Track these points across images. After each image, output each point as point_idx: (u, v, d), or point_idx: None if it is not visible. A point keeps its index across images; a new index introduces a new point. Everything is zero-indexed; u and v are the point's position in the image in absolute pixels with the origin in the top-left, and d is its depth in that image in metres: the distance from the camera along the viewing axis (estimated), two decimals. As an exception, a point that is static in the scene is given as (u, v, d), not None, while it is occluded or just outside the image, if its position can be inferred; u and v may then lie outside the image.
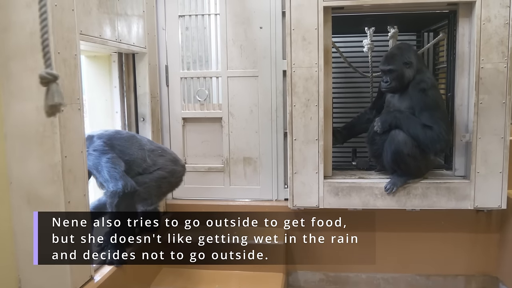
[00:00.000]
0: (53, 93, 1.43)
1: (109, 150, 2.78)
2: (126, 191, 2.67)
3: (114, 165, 2.72)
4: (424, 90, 2.94)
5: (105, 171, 2.69)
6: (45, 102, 1.44)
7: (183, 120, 3.65)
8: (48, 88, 1.43)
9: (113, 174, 2.68)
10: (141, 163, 2.92)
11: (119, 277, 2.62)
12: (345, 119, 3.55)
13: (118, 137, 2.92)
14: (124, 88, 3.25)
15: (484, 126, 2.95)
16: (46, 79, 1.42)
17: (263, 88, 3.50)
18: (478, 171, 3.01)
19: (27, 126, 2.11)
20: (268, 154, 3.57)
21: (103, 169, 2.69)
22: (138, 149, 2.95)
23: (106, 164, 2.70)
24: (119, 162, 2.78)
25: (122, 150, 2.86)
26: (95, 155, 2.72)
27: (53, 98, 1.42)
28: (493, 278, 3.44)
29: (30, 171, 2.14)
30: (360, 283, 3.56)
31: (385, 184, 3.10)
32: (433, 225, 3.42)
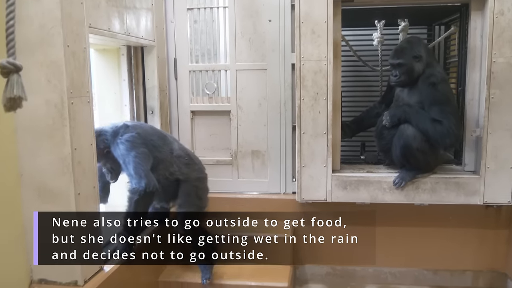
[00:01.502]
0: (13, 84, 1.29)
1: (141, 144, 2.76)
2: (148, 190, 2.67)
3: (141, 162, 2.70)
4: (434, 84, 2.92)
5: (131, 165, 2.68)
6: (4, 95, 1.30)
7: (192, 113, 3.66)
8: (8, 79, 1.30)
9: (139, 171, 2.67)
10: (168, 166, 2.91)
11: (128, 268, 2.64)
12: (354, 113, 3.53)
13: (152, 132, 2.92)
14: (133, 81, 3.26)
15: (495, 121, 2.93)
16: (7, 68, 1.28)
17: (271, 81, 3.49)
18: (488, 166, 2.99)
19: (37, 119, 2.12)
20: (276, 147, 3.57)
21: (130, 163, 2.68)
22: (168, 152, 2.94)
23: (134, 159, 2.69)
24: (148, 159, 2.76)
25: (155, 146, 2.85)
26: (126, 145, 2.71)
27: (13, 90, 1.28)
28: (501, 274, 3.43)
29: (40, 163, 2.16)
30: (366, 277, 3.56)
31: (393, 178, 3.09)
32: (442, 220, 3.41)
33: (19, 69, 1.33)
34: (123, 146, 2.70)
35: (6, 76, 1.32)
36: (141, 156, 2.72)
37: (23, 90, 1.31)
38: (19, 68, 1.33)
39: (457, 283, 3.48)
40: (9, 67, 1.31)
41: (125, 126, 2.79)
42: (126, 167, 2.71)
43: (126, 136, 2.73)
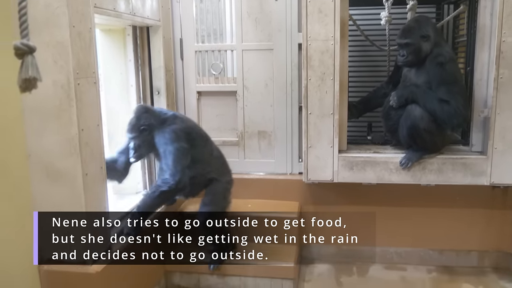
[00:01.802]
0: (27, 66, 1.31)
1: (185, 140, 2.81)
2: (179, 186, 2.72)
3: (180, 157, 2.75)
4: (441, 64, 2.89)
5: (171, 157, 2.72)
6: (19, 76, 1.33)
7: (198, 93, 3.65)
8: (23, 61, 1.33)
9: (176, 165, 2.71)
10: (205, 166, 2.99)
11: (135, 248, 2.67)
12: (361, 93, 3.51)
13: (197, 130, 3.02)
14: (139, 61, 3.25)
15: (504, 101, 2.90)
16: (21, 50, 1.31)
17: (278, 61, 3.47)
18: (495, 147, 2.97)
19: (44, 100, 2.13)
20: (282, 128, 3.56)
21: (170, 154, 2.73)
22: (208, 151, 3.04)
23: (176, 151, 2.74)
24: (187, 155, 2.81)
25: (196, 145, 2.92)
26: (172, 136, 2.76)
27: (28, 71, 1.32)
28: (506, 254, 3.44)
29: (48, 144, 2.17)
30: (373, 257, 3.59)
31: (400, 159, 3.09)
32: (448, 201, 3.41)
33: (33, 50, 1.35)
34: (169, 136, 2.76)
35: (21, 57, 1.33)
36: (182, 151, 2.77)
37: (38, 71, 1.34)
38: (33, 49, 1.35)
39: (462, 263, 3.49)
40: (23, 49, 1.33)
41: (174, 117, 2.86)
42: (165, 157, 2.75)
43: (174, 127, 2.80)
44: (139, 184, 3.35)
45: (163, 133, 2.78)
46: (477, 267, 3.47)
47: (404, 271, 3.45)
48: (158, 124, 2.81)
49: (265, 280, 3.09)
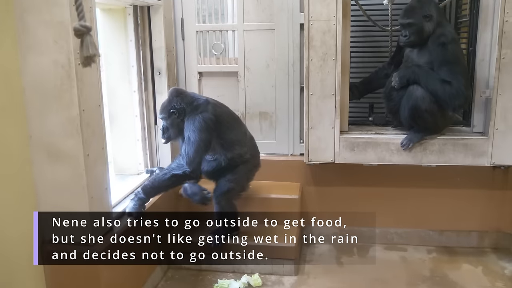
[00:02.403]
0: (87, 44, 1.49)
1: (212, 130, 2.86)
2: (192, 175, 2.81)
3: (203, 148, 2.82)
4: (444, 44, 2.87)
5: (192, 147, 2.78)
6: (80, 54, 1.50)
7: (199, 74, 3.64)
8: (82, 40, 1.48)
9: (194, 156, 2.78)
10: (242, 146, 3.05)
11: (137, 229, 2.69)
12: (362, 74, 3.49)
13: (228, 113, 3.06)
14: (140, 41, 3.23)
15: (505, 82, 2.89)
16: (80, 31, 1.46)
17: (279, 41, 3.45)
18: (497, 127, 2.97)
19: (45, 80, 2.12)
20: (284, 108, 3.56)
21: (192, 143, 2.79)
22: (243, 133, 3.10)
23: (199, 142, 2.79)
24: (207, 148, 2.88)
25: (229, 128, 2.98)
26: (200, 125, 2.81)
27: (88, 49, 1.47)
28: (506, 235, 3.46)
29: (49, 124, 2.17)
30: (373, 237, 3.61)
31: (401, 140, 3.09)
32: (449, 182, 3.42)
33: (90, 29, 1.52)
34: (198, 124, 2.81)
35: (80, 37, 1.50)
36: (206, 143, 2.84)
37: (96, 48, 1.52)
38: (89, 29, 1.51)
39: (462, 243, 3.52)
40: (82, 30, 1.49)
41: (206, 103, 2.90)
42: (188, 143, 2.80)
43: (206, 116, 2.83)
44: (141, 165, 3.36)
45: (193, 120, 2.82)
46: (477, 248, 3.50)
47: (404, 251, 3.48)
48: (190, 110, 2.86)
49: (266, 261, 3.12)
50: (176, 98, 2.87)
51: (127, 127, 3.30)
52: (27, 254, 2.19)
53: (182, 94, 2.91)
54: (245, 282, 3.01)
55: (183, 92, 2.96)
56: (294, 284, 3.04)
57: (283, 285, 3.03)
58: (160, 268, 3.10)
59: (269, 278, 3.10)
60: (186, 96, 2.91)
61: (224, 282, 2.97)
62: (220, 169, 3.04)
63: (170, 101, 2.87)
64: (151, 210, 2.90)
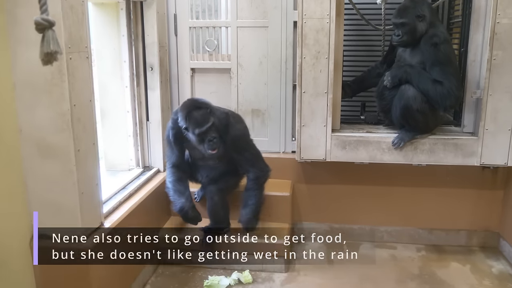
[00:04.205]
0: (48, 40, 1.37)
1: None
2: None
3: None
4: (436, 44, 2.89)
5: (256, 156, 3.13)
6: (41, 50, 1.39)
7: (192, 70, 3.62)
8: (44, 35, 1.38)
9: (262, 158, 3.17)
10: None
11: (128, 224, 2.69)
12: (355, 72, 3.50)
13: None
14: (132, 36, 3.21)
15: (496, 83, 2.91)
16: (42, 25, 1.36)
17: (273, 39, 3.45)
18: (486, 128, 2.99)
19: (36, 74, 2.10)
20: (276, 106, 3.56)
21: (254, 155, 3.13)
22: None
23: (258, 151, 3.16)
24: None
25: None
26: (248, 139, 3.16)
27: (49, 45, 1.37)
28: (494, 234, 3.50)
29: (39, 119, 2.16)
30: (364, 235, 3.63)
31: (392, 138, 3.10)
32: (439, 181, 3.44)
33: (53, 24, 1.45)
34: (247, 139, 3.12)
35: (41, 32, 1.40)
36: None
37: (58, 44, 1.43)
38: (52, 24, 1.45)
39: (451, 242, 3.55)
40: (43, 24, 1.40)
41: (228, 117, 3.02)
42: (251, 158, 3.11)
43: (243, 128, 3.11)
44: (132, 161, 3.35)
45: (233, 138, 2.98)
46: (465, 246, 3.53)
47: (394, 249, 3.50)
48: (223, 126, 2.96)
49: (256, 258, 3.13)
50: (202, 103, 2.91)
51: (119, 122, 3.29)
52: (16, 249, 2.18)
53: (197, 100, 2.98)
54: (236, 279, 3.02)
55: (197, 99, 3.02)
56: (284, 281, 3.05)
57: (273, 282, 3.04)
58: (151, 265, 3.10)
59: (260, 275, 3.10)
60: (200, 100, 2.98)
61: (215, 279, 2.98)
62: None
63: (199, 108, 2.85)
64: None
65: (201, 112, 2.83)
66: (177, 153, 3.03)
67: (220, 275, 3.05)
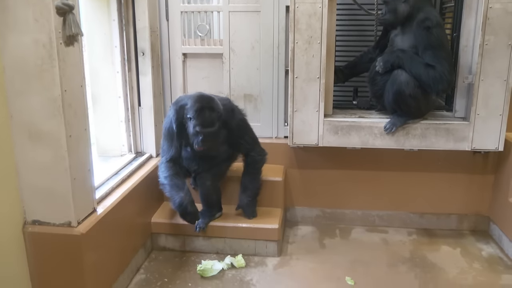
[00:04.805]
0: (70, 23, 1.41)
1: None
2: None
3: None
4: (428, 28, 2.89)
5: (256, 140, 3.20)
6: (63, 33, 1.43)
7: (184, 55, 3.60)
8: (65, 19, 1.40)
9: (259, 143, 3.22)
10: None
11: (121, 210, 2.69)
12: (347, 57, 3.50)
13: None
14: (123, 21, 3.18)
15: (488, 68, 2.92)
16: (62, 9, 1.38)
17: (265, 24, 3.42)
18: (478, 113, 3.01)
19: (25, 60, 2.07)
20: (269, 91, 3.55)
21: (255, 139, 3.19)
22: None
23: (255, 136, 3.20)
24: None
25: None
26: (248, 126, 3.17)
27: (71, 28, 1.40)
28: (484, 218, 3.54)
29: (30, 105, 2.13)
30: (355, 219, 3.66)
31: (384, 124, 3.12)
32: (430, 166, 3.47)
33: (72, 8, 1.44)
34: (247, 126, 3.14)
35: (62, 15, 1.43)
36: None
37: (79, 27, 1.43)
38: (72, 8, 1.45)
39: (442, 226, 3.59)
40: (64, 8, 1.43)
41: (231, 105, 3.08)
42: (252, 142, 3.17)
43: (244, 118, 3.13)
44: (124, 147, 3.34)
45: (238, 124, 3.04)
46: (456, 230, 3.58)
47: (385, 233, 3.54)
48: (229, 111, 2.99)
49: (249, 242, 3.15)
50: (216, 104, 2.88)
51: (110, 108, 3.27)
52: (9, 236, 2.18)
53: (213, 98, 2.91)
54: (229, 263, 3.04)
55: (211, 96, 2.95)
56: (276, 265, 3.08)
57: (266, 266, 3.06)
58: (144, 249, 3.11)
59: (252, 259, 3.13)
60: (215, 99, 2.92)
61: (208, 263, 2.99)
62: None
63: (212, 110, 2.81)
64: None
65: (213, 115, 2.80)
66: (176, 146, 2.95)
67: (213, 259, 3.07)
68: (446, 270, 3.02)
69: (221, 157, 3.13)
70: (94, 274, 2.38)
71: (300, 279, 2.93)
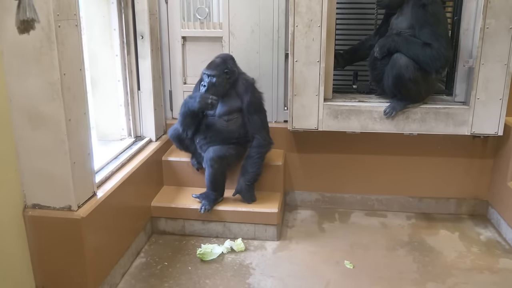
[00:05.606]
0: (25, 7, 1.31)
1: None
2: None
3: (267, 122, 3.26)
4: (424, 5, 2.88)
5: (263, 124, 3.19)
6: (16, 17, 1.32)
7: (183, 39, 3.58)
8: (20, 2, 1.31)
9: (268, 130, 3.22)
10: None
11: (121, 194, 2.70)
12: (348, 41, 3.48)
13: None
14: (122, 4, 3.14)
15: (488, 52, 2.91)
16: None
17: (265, 7, 3.40)
18: (478, 97, 3.00)
19: (24, 43, 2.06)
20: (268, 75, 3.53)
21: (262, 121, 3.19)
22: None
23: (265, 119, 3.22)
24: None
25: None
26: (261, 105, 3.21)
27: (25, 12, 1.31)
28: (483, 202, 3.56)
29: (29, 88, 2.13)
30: (354, 203, 3.68)
31: (384, 108, 3.11)
32: (430, 150, 3.47)
33: None
34: (260, 104, 3.18)
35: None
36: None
37: (35, 12, 1.32)
38: None
39: (441, 210, 3.61)
40: None
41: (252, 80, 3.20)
42: (257, 122, 3.15)
43: (260, 96, 3.20)
44: (124, 130, 3.33)
45: (251, 100, 3.10)
46: (454, 214, 3.59)
47: (384, 217, 3.56)
48: (240, 77, 3.13)
49: (248, 226, 3.17)
50: (230, 60, 3.13)
51: (110, 92, 3.25)
52: (9, 219, 2.19)
53: (234, 60, 3.17)
54: (228, 247, 3.06)
55: (234, 58, 3.18)
56: (276, 249, 3.10)
57: (265, 250, 3.08)
58: (144, 233, 3.13)
59: (252, 243, 3.14)
60: (236, 63, 3.17)
61: (208, 247, 3.01)
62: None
63: (224, 61, 3.08)
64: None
65: (221, 65, 3.05)
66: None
67: (213, 243, 3.08)
68: (445, 254, 3.04)
69: (230, 132, 3.15)
70: (94, 258, 2.39)
71: (300, 262, 2.95)
